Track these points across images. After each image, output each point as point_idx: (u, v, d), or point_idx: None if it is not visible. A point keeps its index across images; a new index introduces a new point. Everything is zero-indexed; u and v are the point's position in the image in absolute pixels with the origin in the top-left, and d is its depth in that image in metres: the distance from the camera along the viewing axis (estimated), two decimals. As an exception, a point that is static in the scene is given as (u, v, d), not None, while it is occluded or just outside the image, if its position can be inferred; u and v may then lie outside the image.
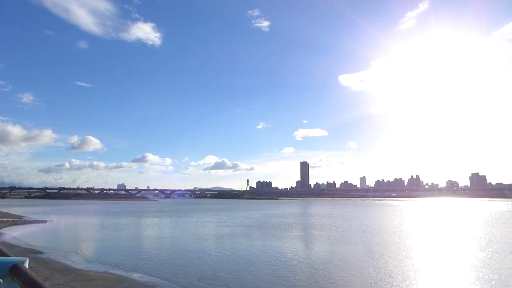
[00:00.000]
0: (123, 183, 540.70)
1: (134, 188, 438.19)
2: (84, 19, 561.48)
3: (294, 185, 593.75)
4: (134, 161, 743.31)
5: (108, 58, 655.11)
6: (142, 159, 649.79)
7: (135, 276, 23.05)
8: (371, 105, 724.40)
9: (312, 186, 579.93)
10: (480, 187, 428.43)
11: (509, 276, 22.32)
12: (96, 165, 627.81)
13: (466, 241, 39.05)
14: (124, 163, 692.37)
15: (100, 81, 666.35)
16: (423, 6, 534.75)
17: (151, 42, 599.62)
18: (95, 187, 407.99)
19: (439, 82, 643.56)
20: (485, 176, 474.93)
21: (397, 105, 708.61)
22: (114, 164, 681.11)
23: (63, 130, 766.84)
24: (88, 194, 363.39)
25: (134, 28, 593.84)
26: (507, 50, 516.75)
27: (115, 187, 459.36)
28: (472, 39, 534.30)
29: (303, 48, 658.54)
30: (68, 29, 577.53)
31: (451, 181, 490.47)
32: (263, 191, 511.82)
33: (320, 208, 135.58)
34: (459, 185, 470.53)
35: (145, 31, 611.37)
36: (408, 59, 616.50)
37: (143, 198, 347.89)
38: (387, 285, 20.42)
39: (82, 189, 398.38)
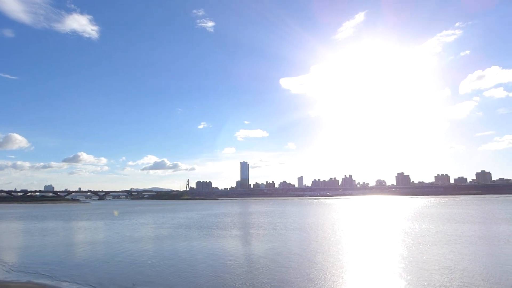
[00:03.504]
0: (50, 185, 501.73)
1: (63, 189, 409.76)
2: (11, 5, 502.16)
3: (234, 185, 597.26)
4: (64, 160, 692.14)
5: (38, 50, 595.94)
6: (74, 159, 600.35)
7: (64, 285, 21.78)
8: (310, 107, 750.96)
9: (252, 186, 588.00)
10: (405, 185, 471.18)
11: (423, 262, 24.99)
12: (20, 165, 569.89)
13: (387, 235, 42.60)
14: (53, 163, 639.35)
15: (28, 74, 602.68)
16: (359, 17, 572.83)
17: (87, 35, 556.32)
18: (17, 189, 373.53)
19: (371, 89, 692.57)
20: (409, 175, 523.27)
21: (333, 109, 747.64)
22: (42, 164, 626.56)
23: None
24: (9, 197, 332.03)
25: (69, 20, 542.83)
26: (430, 61, 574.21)
27: (42, 189, 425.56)
28: (400, 51, 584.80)
29: (246, 50, 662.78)
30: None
31: (380, 180, 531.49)
32: (203, 192, 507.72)
33: (259, 207, 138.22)
34: (387, 184, 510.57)
35: (81, 23, 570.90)
36: (344, 66, 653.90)
37: (73, 200, 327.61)
38: (320, 277, 21.78)
39: (2, 191, 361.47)
